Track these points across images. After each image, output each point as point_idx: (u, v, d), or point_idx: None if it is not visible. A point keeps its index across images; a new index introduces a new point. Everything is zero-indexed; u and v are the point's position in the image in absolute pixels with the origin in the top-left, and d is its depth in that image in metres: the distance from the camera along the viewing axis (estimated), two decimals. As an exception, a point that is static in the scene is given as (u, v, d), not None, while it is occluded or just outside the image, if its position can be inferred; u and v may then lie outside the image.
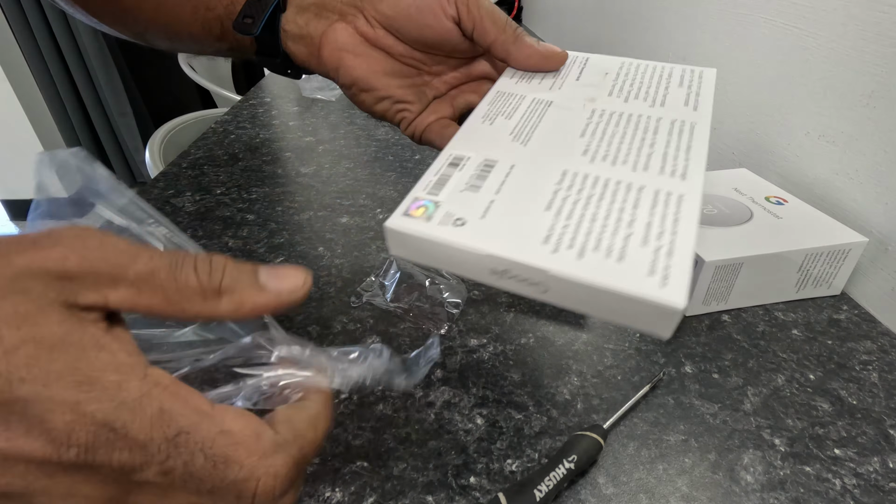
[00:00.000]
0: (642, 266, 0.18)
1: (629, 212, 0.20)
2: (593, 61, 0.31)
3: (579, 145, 0.24)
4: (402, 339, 0.37)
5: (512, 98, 0.29)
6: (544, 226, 0.20)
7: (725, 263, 0.37)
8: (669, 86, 0.29)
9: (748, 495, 0.27)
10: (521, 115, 0.27)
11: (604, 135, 0.25)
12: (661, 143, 0.24)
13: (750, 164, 0.57)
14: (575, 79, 0.30)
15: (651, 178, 0.22)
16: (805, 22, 0.47)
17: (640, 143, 0.24)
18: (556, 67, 0.31)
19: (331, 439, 0.30)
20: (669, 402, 0.32)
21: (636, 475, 0.28)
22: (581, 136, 0.25)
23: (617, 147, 0.24)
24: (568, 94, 0.29)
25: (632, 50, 0.85)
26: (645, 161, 0.23)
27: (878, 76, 0.40)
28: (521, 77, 0.31)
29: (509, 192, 0.22)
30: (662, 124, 0.26)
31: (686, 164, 0.23)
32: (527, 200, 0.21)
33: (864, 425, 0.31)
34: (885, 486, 0.27)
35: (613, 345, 0.36)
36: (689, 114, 0.26)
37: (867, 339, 0.37)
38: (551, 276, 0.18)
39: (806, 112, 0.48)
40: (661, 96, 0.28)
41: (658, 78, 0.29)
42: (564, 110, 0.27)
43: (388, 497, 0.27)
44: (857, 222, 0.43)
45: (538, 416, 0.31)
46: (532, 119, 0.27)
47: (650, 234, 0.19)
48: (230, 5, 0.31)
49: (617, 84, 0.29)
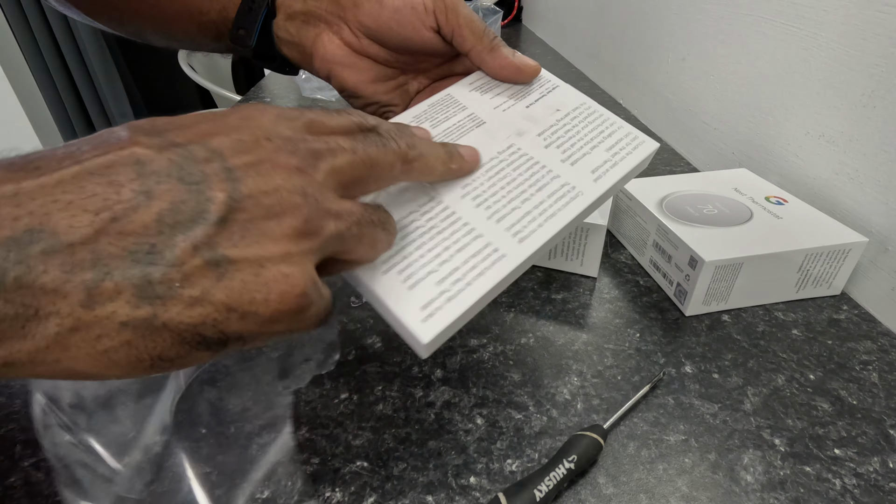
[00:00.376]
0: (421, 300, 0.22)
1: (452, 252, 0.23)
2: (559, 92, 0.32)
3: (466, 178, 0.26)
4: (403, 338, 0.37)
5: (454, 106, 0.29)
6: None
7: (725, 263, 0.37)
8: (599, 146, 0.29)
9: (748, 495, 0.27)
10: (446, 127, 0.28)
11: (495, 175, 0.26)
12: (534, 201, 0.25)
13: (750, 164, 0.57)
14: (525, 106, 0.30)
15: (494, 231, 0.24)
16: (805, 22, 0.47)
17: (518, 195, 0.26)
18: (527, 80, 0.31)
19: (331, 439, 0.30)
20: (669, 402, 0.32)
21: (636, 475, 0.28)
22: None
23: (494, 192, 0.25)
24: (505, 120, 0.29)
25: (632, 50, 0.85)
26: (504, 213, 0.25)
27: (878, 76, 0.40)
28: (481, 86, 0.31)
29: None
30: (553, 184, 0.26)
31: (534, 230, 0.24)
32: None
33: (864, 425, 0.31)
34: (885, 486, 0.27)
35: (613, 345, 0.36)
36: (587, 183, 0.27)
37: (867, 339, 0.37)
38: (361, 282, 0.22)
39: (806, 112, 0.48)
40: (580, 154, 0.28)
41: (596, 133, 0.30)
42: (487, 136, 0.28)
43: (388, 497, 0.27)
44: (857, 222, 0.43)
45: (538, 416, 0.31)
46: (453, 134, 0.27)
47: (449, 278, 0.22)
48: (223, 10, 0.32)
49: (555, 126, 0.29)
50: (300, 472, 0.28)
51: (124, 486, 0.26)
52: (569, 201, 0.26)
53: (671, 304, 0.40)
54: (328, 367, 0.33)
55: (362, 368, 0.34)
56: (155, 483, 0.27)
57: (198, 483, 0.27)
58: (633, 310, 0.40)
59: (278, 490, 0.27)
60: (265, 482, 0.27)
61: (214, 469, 0.28)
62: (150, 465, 0.28)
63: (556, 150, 0.28)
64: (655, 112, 0.78)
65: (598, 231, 0.41)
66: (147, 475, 0.27)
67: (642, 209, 0.44)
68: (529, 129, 0.29)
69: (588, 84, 1.01)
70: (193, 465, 0.28)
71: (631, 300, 0.41)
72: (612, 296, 0.41)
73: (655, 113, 0.78)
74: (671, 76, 0.73)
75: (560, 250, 0.43)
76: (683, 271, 0.39)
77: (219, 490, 0.27)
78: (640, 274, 0.44)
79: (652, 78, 0.79)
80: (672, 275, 0.40)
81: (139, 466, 0.28)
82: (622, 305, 0.40)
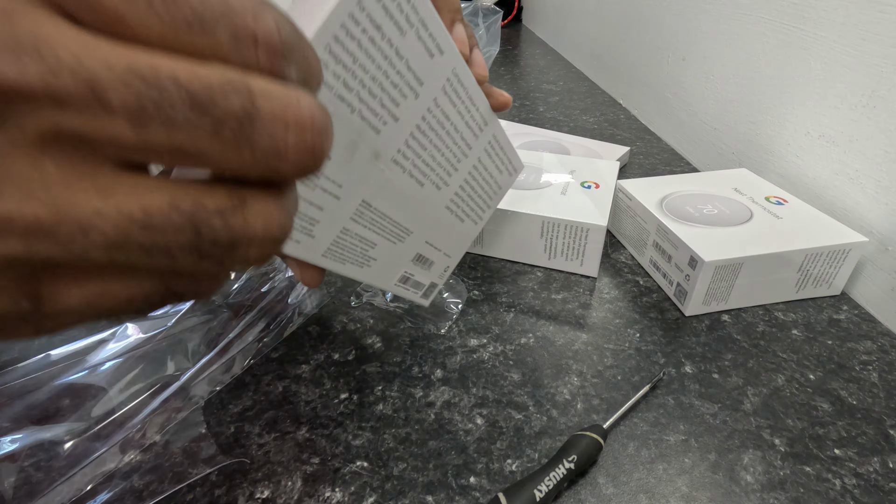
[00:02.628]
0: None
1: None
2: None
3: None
4: (402, 339, 0.37)
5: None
6: None
7: (725, 263, 0.37)
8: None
9: (748, 495, 0.27)
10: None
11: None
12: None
13: (750, 164, 0.57)
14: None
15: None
16: (805, 22, 0.47)
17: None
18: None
19: (331, 439, 0.30)
20: (669, 402, 0.32)
21: (636, 475, 0.28)
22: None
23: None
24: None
25: (632, 49, 0.85)
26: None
27: (878, 76, 0.40)
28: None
29: None
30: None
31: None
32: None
33: (864, 425, 0.31)
34: (885, 486, 0.27)
35: (613, 345, 0.36)
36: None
37: (867, 339, 0.37)
38: None
39: (806, 112, 0.48)
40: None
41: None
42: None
43: (388, 497, 0.27)
44: (857, 222, 0.43)
45: (538, 416, 0.31)
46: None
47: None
48: None
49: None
50: (300, 472, 0.28)
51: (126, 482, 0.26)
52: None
53: (671, 304, 0.40)
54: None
55: (362, 368, 0.34)
56: (154, 483, 0.27)
57: (198, 483, 0.27)
58: (632, 310, 0.40)
59: (278, 490, 0.27)
60: (265, 482, 0.27)
61: (214, 469, 0.28)
62: (151, 464, 0.28)
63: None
64: (655, 112, 0.78)
65: (598, 231, 0.41)
66: (147, 475, 0.27)
67: (642, 209, 0.44)
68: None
69: (588, 84, 1.01)
70: (194, 464, 0.28)
71: (631, 300, 0.41)
72: (612, 296, 0.41)
73: (655, 113, 0.78)
74: (671, 76, 0.73)
75: (560, 250, 0.43)
76: (683, 271, 0.39)
77: (219, 490, 0.27)
78: (640, 274, 0.44)
79: (652, 78, 0.79)
80: (672, 275, 0.40)
81: (139, 466, 0.28)
82: (622, 305, 0.40)
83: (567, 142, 0.67)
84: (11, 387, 0.30)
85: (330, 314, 0.39)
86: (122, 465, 0.27)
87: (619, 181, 0.48)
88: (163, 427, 0.29)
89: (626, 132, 0.76)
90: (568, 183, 0.47)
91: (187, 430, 0.29)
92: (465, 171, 0.29)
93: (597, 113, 0.84)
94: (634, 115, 0.84)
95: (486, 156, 0.30)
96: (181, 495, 0.27)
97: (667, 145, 0.72)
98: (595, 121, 0.81)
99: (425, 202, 0.28)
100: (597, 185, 0.47)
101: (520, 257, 0.45)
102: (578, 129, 0.78)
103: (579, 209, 0.42)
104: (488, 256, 0.46)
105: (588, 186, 0.46)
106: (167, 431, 0.29)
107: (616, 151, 0.64)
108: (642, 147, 0.71)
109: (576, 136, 0.69)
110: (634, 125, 0.79)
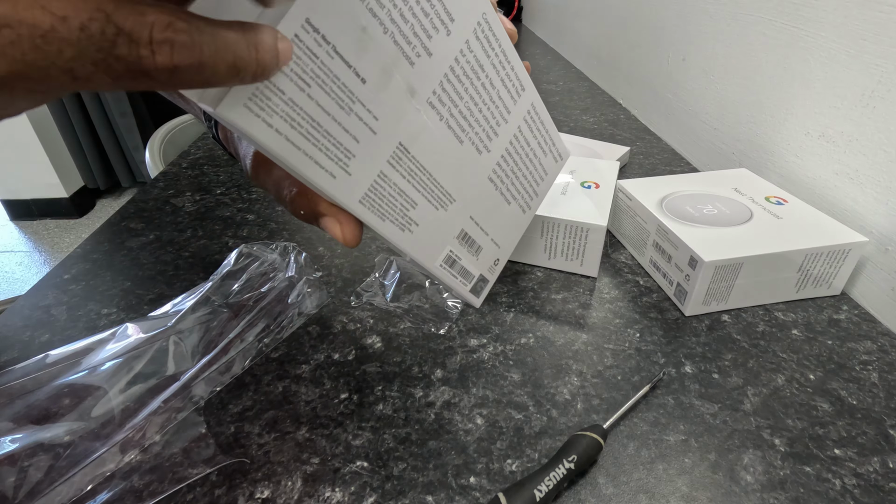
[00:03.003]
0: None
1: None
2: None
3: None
4: (402, 339, 0.37)
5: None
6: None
7: (725, 263, 0.37)
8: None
9: (748, 495, 0.27)
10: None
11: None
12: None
13: (750, 164, 0.57)
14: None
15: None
16: (805, 22, 0.47)
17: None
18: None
19: (331, 439, 0.30)
20: (669, 402, 0.32)
21: (636, 475, 0.28)
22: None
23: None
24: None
25: (632, 49, 0.85)
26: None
27: (878, 76, 0.40)
28: None
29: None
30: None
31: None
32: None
33: (864, 425, 0.31)
34: (885, 486, 0.27)
35: (613, 345, 0.36)
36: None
37: (867, 339, 0.37)
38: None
39: (806, 112, 0.48)
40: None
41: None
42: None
43: (388, 497, 0.27)
44: (857, 222, 0.43)
45: (538, 416, 0.31)
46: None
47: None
48: None
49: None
50: (300, 472, 0.28)
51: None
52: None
53: (671, 304, 0.40)
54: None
55: (362, 368, 0.34)
56: (154, 483, 0.27)
57: (198, 483, 0.27)
58: (633, 310, 0.40)
59: (278, 490, 0.27)
60: (265, 482, 0.27)
61: (214, 469, 0.28)
62: (150, 464, 0.28)
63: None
64: (655, 112, 0.78)
65: (598, 231, 0.41)
66: (147, 475, 0.27)
67: (642, 209, 0.44)
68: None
69: (588, 84, 1.01)
70: (193, 464, 0.28)
71: (631, 300, 0.41)
72: (612, 296, 0.41)
73: (655, 113, 0.78)
74: (671, 76, 0.73)
75: (560, 250, 0.43)
76: (683, 271, 0.39)
77: (219, 490, 0.27)
78: (640, 274, 0.44)
79: (652, 78, 0.79)
80: (672, 275, 0.40)
81: (139, 466, 0.28)
82: (622, 305, 0.40)
83: (567, 142, 0.67)
84: (11, 387, 0.30)
85: (330, 314, 0.39)
86: (122, 465, 0.27)
87: (619, 181, 0.48)
88: (163, 427, 0.29)
89: (626, 132, 0.76)
90: (568, 183, 0.47)
91: (187, 430, 0.29)
92: (505, 138, 0.29)
93: (597, 113, 0.84)
94: (634, 115, 0.84)
95: (527, 126, 0.30)
96: (181, 495, 0.27)
97: (667, 145, 0.72)
98: (595, 121, 0.81)
99: (466, 165, 0.28)
100: (597, 185, 0.47)
101: (520, 257, 0.45)
102: (578, 129, 0.78)
103: (579, 209, 0.42)
104: (488, 256, 0.46)
105: (588, 186, 0.46)
106: (167, 431, 0.29)
107: (616, 151, 0.64)
108: (642, 147, 0.71)
109: (576, 136, 0.69)
110: (634, 125, 0.79)
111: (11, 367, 0.31)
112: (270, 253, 0.41)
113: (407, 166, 0.25)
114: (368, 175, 0.24)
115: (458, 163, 0.28)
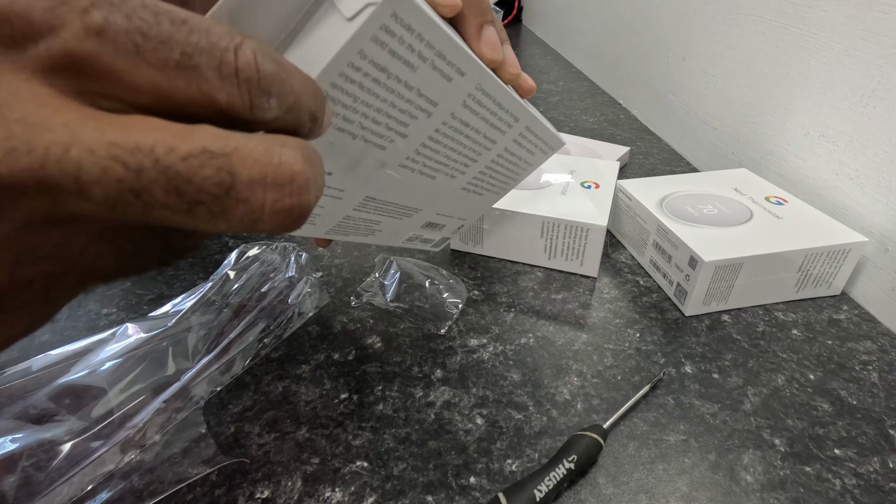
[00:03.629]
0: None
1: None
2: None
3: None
4: (402, 339, 0.37)
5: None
6: None
7: (725, 263, 0.37)
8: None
9: (748, 495, 0.27)
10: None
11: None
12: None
13: (750, 164, 0.57)
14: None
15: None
16: (805, 22, 0.47)
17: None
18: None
19: (331, 439, 0.30)
20: (669, 402, 0.32)
21: (636, 475, 0.28)
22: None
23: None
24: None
25: (632, 49, 0.85)
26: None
27: (877, 76, 0.40)
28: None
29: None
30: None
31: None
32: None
33: (864, 425, 0.31)
34: (885, 486, 0.27)
35: (613, 345, 0.36)
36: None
37: (867, 339, 0.37)
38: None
39: (806, 112, 0.48)
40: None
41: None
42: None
43: (388, 497, 0.27)
44: (857, 222, 0.43)
45: (538, 416, 0.31)
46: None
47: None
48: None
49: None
50: (300, 472, 0.28)
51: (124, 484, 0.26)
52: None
53: (671, 304, 0.40)
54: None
55: (362, 368, 0.34)
56: (154, 483, 0.27)
57: (198, 483, 0.27)
58: (633, 310, 0.40)
59: (278, 490, 0.27)
60: (265, 482, 0.27)
61: (214, 469, 0.28)
62: (150, 464, 0.28)
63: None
64: (655, 112, 0.78)
65: (598, 231, 0.41)
66: (147, 475, 0.27)
67: (642, 209, 0.44)
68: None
69: (588, 84, 1.01)
70: (193, 464, 0.28)
71: (631, 300, 0.41)
72: (612, 296, 0.41)
73: (655, 113, 0.78)
74: (671, 76, 0.73)
75: (560, 250, 0.43)
76: (683, 271, 0.39)
77: (219, 490, 0.27)
78: (640, 274, 0.44)
79: (652, 78, 0.79)
80: (672, 275, 0.40)
81: (139, 466, 0.28)
82: (622, 305, 0.40)
83: (567, 142, 0.67)
84: (11, 387, 0.30)
85: (330, 314, 0.39)
86: (122, 465, 0.27)
87: (619, 181, 0.48)
88: (163, 427, 0.29)
89: (626, 132, 0.76)
90: (568, 183, 0.47)
91: (187, 430, 0.29)
92: (486, 160, 0.28)
93: (597, 113, 0.84)
94: (634, 115, 0.84)
95: (516, 144, 0.29)
96: (181, 495, 0.27)
97: (667, 145, 0.72)
98: (595, 121, 0.81)
99: (438, 189, 0.27)
100: (597, 185, 0.47)
101: (520, 257, 0.45)
102: (578, 129, 0.78)
103: (579, 209, 0.42)
104: (488, 256, 0.46)
105: (588, 186, 0.46)
106: (167, 431, 0.29)
107: (616, 151, 0.64)
108: (642, 147, 0.71)
109: (576, 136, 0.69)
110: (634, 125, 0.79)
111: (11, 366, 0.31)
112: (270, 253, 0.41)
113: (373, 206, 0.25)
114: (333, 221, 0.24)
115: (430, 190, 0.27)
